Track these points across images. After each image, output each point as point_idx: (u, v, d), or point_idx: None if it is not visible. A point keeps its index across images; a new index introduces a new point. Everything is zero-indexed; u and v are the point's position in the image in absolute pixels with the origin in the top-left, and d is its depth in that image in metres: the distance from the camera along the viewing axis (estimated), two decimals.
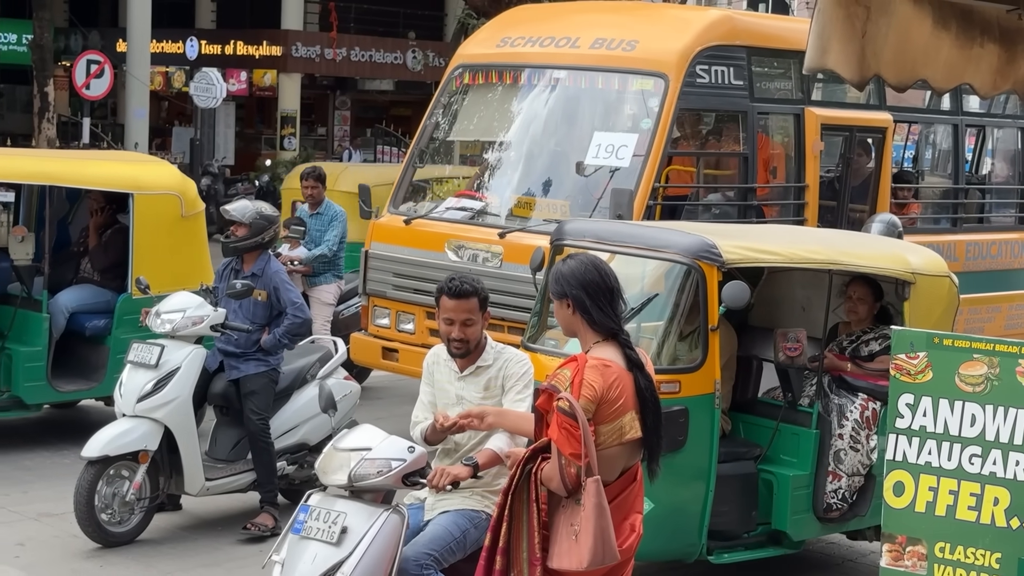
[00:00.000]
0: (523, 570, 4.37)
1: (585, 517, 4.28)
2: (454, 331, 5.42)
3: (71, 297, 9.61)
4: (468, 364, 5.51)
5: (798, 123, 10.47)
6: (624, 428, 4.43)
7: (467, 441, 5.47)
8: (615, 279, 4.57)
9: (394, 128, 28.40)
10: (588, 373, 4.37)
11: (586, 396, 4.34)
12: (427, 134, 10.99)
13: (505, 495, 4.43)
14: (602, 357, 4.44)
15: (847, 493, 7.41)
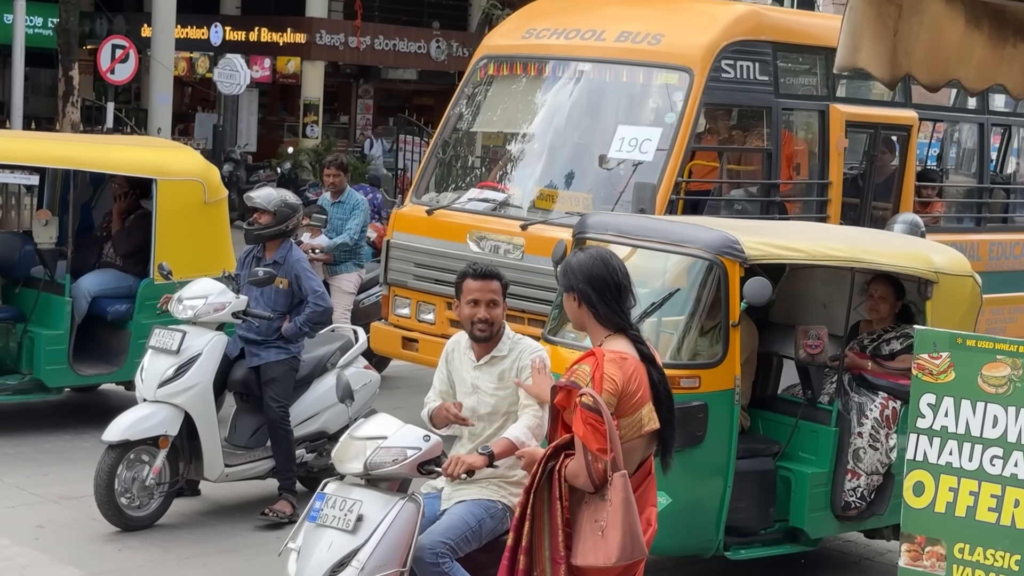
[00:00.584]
0: (546, 569, 4.35)
1: (613, 512, 4.25)
2: (480, 311, 5.44)
3: (93, 281, 9.65)
4: (484, 353, 5.52)
5: (823, 119, 10.44)
6: (643, 420, 4.42)
7: (483, 431, 5.48)
8: (624, 274, 4.54)
9: (417, 118, 28.33)
10: (608, 367, 4.35)
11: (608, 390, 4.32)
12: (450, 124, 10.99)
13: (527, 493, 4.40)
14: (618, 350, 4.42)
15: (865, 491, 7.40)
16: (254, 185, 21.11)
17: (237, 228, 10.91)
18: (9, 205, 16.79)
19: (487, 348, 5.53)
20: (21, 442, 9.26)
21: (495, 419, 5.48)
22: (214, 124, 26.72)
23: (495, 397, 5.47)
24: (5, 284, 9.77)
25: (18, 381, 9.43)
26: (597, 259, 4.56)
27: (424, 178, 10.85)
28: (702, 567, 7.53)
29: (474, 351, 5.55)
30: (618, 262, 4.57)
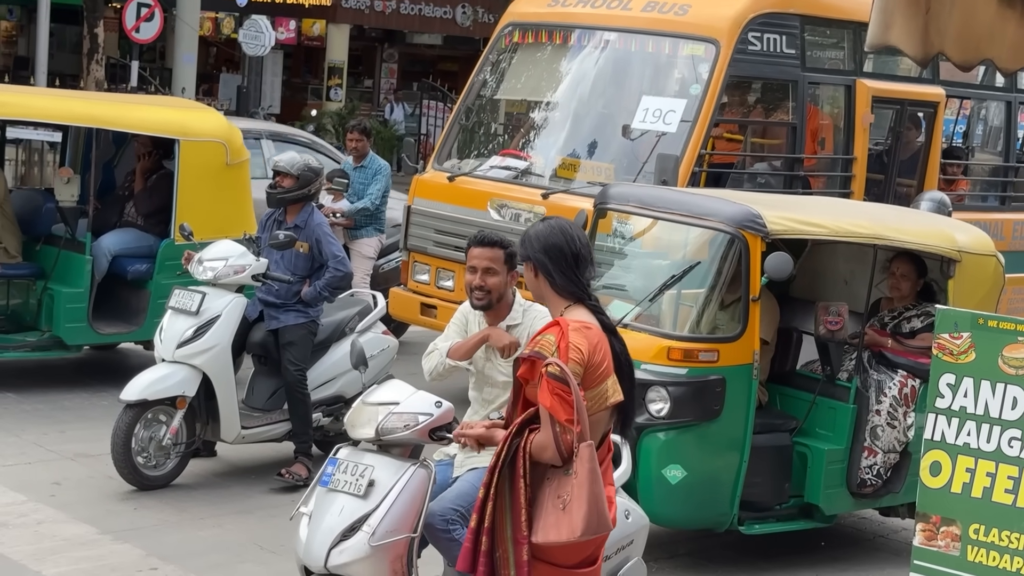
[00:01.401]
0: (508, 549, 4.20)
1: (578, 484, 4.11)
2: (475, 279, 5.44)
3: (114, 240, 9.66)
4: (496, 322, 5.51)
5: (849, 94, 10.37)
6: (608, 392, 4.29)
7: (496, 398, 5.48)
8: (583, 244, 4.40)
9: (440, 83, 28.26)
10: (573, 336, 4.21)
11: (574, 359, 4.18)
12: (474, 91, 10.95)
13: (491, 473, 4.23)
14: (581, 320, 4.31)
15: (882, 469, 7.38)
16: None
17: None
18: (32, 162, 16.81)
19: (499, 317, 5.53)
20: (39, 399, 9.31)
21: (509, 387, 5.47)
22: (238, 85, 26.69)
23: (508, 363, 5.47)
24: (26, 241, 9.79)
25: (37, 338, 9.47)
26: (555, 228, 4.42)
27: (446, 144, 10.82)
28: (716, 541, 7.53)
29: (487, 320, 5.54)
30: (578, 232, 4.45)
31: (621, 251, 7.84)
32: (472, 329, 5.64)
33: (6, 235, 9.63)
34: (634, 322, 7.03)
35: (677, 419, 6.78)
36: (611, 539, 5.56)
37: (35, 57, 24.49)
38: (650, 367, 6.81)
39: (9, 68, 25.76)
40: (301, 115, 28.21)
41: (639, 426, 6.74)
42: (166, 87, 26.05)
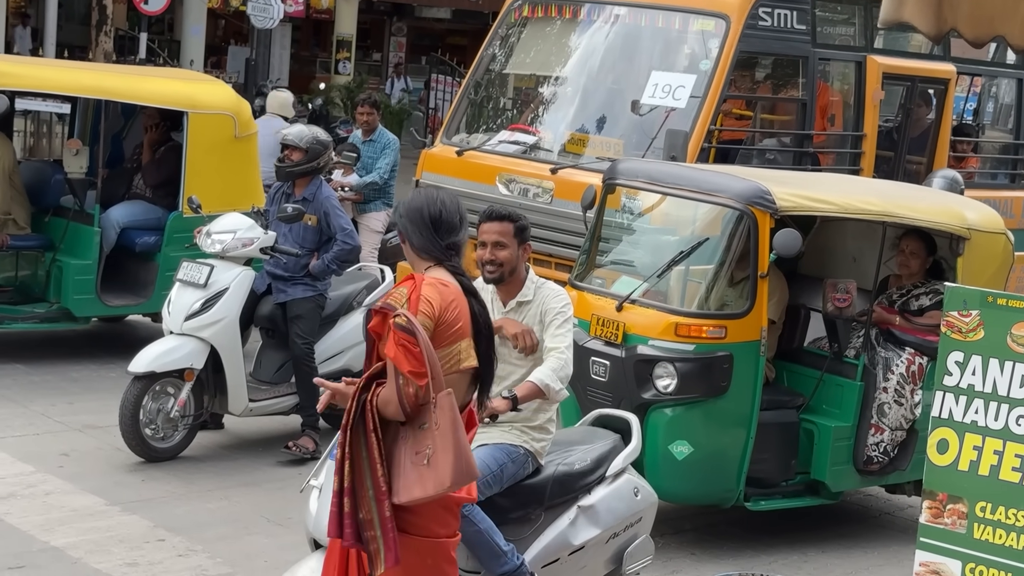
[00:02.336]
0: (371, 508, 4.07)
1: (441, 435, 3.99)
2: (486, 253, 5.44)
3: (123, 212, 9.67)
4: (510, 298, 5.51)
5: (859, 71, 10.33)
6: (461, 355, 4.20)
7: (510, 375, 5.48)
8: (448, 209, 4.34)
9: (449, 57, 28.20)
10: (426, 290, 4.15)
11: (424, 312, 4.10)
12: (483, 65, 10.92)
13: (344, 431, 4.11)
14: (438, 277, 4.26)
15: (888, 447, 7.39)
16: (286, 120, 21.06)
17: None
18: (40, 134, 16.80)
19: (511, 293, 5.52)
20: (47, 370, 9.33)
21: (522, 363, 5.48)
22: (246, 58, 26.64)
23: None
24: (35, 213, 9.79)
25: (46, 310, 9.49)
26: (420, 195, 4.42)
27: (455, 119, 10.80)
28: (722, 517, 7.55)
29: (500, 297, 5.54)
30: (445, 197, 4.39)
31: (630, 227, 7.84)
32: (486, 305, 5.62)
33: (15, 207, 9.64)
34: (642, 298, 7.03)
35: (684, 395, 6.79)
36: (619, 516, 5.60)
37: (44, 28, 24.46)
38: (657, 343, 6.82)
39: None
40: (309, 88, 28.16)
41: (646, 402, 6.76)
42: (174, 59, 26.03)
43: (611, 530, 5.58)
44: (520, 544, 5.31)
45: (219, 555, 6.47)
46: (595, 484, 5.58)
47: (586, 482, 5.55)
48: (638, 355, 6.84)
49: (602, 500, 5.57)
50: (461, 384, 4.26)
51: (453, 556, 4.35)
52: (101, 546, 6.42)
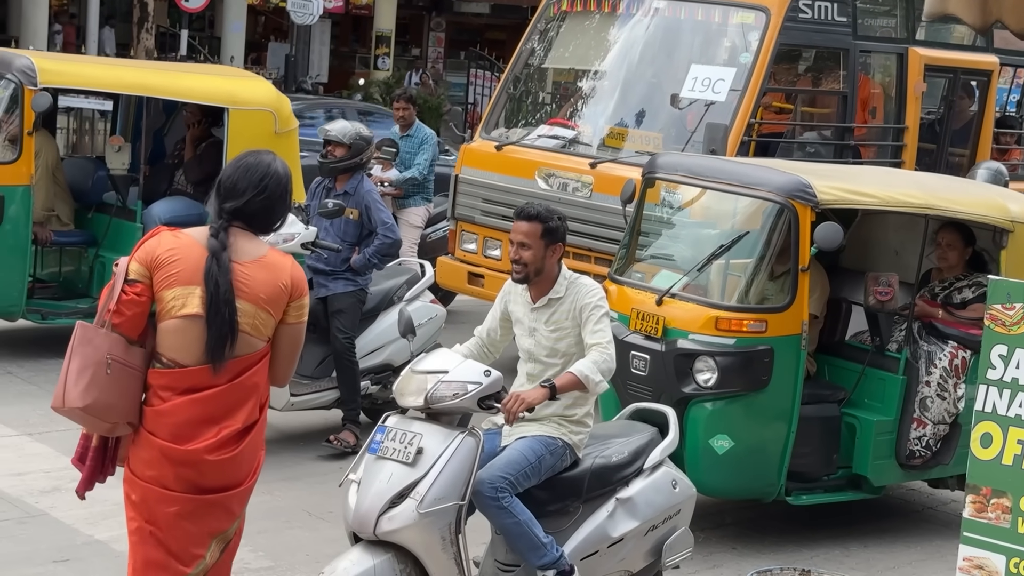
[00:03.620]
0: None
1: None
2: (513, 252, 5.43)
3: (164, 208, 9.73)
4: (540, 295, 5.49)
5: (901, 63, 10.27)
6: (179, 300, 4.32)
7: (542, 373, 5.47)
8: (230, 177, 4.44)
9: (488, 52, 28.23)
10: (150, 240, 4.40)
11: (137, 259, 4.36)
12: (522, 60, 10.92)
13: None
14: (184, 232, 4.43)
15: (931, 441, 7.34)
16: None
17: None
18: (83, 130, 16.95)
19: (543, 290, 5.50)
20: None
21: (553, 360, 5.46)
22: (286, 54, 26.79)
23: (552, 339, 5.46)
24: (78, 209, 9.88)
25: (89, 305, 9.55)
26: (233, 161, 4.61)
27: (494, 114, 10.81)
28: (763, 511, 7.53)
29: (530, 293, 5.53)
30: (239, 163, 4.50)
31: (669, 221, 7.82)
32: (514, 308, 5.61)
33: (59, 203, 9.73)
34: (682, 292, 7.01)
35: (724, 389, 6.77)
36: (658, 508, 5.60)
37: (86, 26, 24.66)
38: (698, 337, 6.80)
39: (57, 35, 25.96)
40: (348, 84, 28.27)
41: (686, 396, 6.75)
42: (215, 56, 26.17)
43: (650, 522, 5.58)
44: (559, 536, 5.32)
45: (261, 548, 6.51)
46: (633, 477, 5.58)
47: (624, 475, 5.55)
48: (678, 349, 6.83)
49: (640, 492, 5.57)
50: (190, 331, 4.33)
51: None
52: None
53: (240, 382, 4.41)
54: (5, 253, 9.00)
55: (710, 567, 6.75)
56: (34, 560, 6.12)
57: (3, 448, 7.57)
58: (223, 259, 4.33)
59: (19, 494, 6.90)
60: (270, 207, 4.47)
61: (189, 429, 4.36)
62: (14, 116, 9.08)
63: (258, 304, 4.39)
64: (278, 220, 4.54)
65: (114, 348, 4.34)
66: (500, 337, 5.67)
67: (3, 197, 8.95)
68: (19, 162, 9.00)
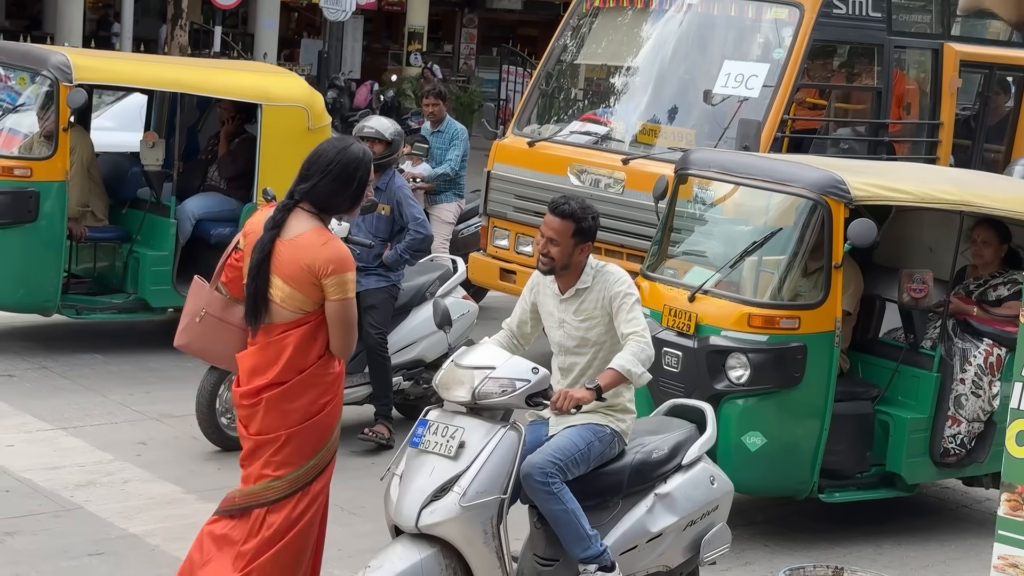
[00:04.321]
0: None
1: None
2: (541, 245, 5.44)
3: (198, 204, 9.78)
4: (567, 287, 5.49)
5: (936, 59, 10.21)
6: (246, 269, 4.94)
7: (573, 365, 5.46)
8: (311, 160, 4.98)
9: (521, 48, 28.22)
10: (256, 213, 5.08)
11: (242, 230, 5.06)
12: (554, 56, 10.92)
13: None
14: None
15: (966, 439, 7.30)
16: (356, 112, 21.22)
17: None
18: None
19: (570, 281, 5.49)
20: (125, 360, 9.46)
21: (583, 351, 5.46)
22: (319, 50, 26.85)
23: (582, 329, 5.45)
24: (112, 205, 9.94)
25: (123, 300, 9.63)
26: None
27: (526, 110, 10.81)
28: (796, 508, 7.50)
29: (558, 284, 5.52)
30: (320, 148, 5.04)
31: (702, 217, 7.80)
32: (542, 299, 5.59)
33: (93, 199, 9.79)
34: (715, 288, 6.99)
35: (757, 386, 6.75)
36: (696, 504, 5.60)
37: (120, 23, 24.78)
38: (730, 333, 6.78)
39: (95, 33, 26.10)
40: (381, 80, 28.31)
41: (719, 393, 6.73)
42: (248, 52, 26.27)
43: (688, 518, 5.58)
44: (599, 531, 5.32)
45: None
46: (671, 472, 5.57)
47: (663, 470, 5.54)
48: (711, 346, 6.81)
49: (679, 488, 5.56)
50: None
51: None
52: (178, 533, 6.50)
53: (271, 343, 4.88)
54: (40, 248, 9.07)
55: (742, 564, 6.73)
56: (69, 553, 6.16)
57: (38, 442, 7.64)
58: (266, 236, 4.83)
59: (54, 488, 6.95)
60: (333, 190, 4.89)
61: (242, 376, 5.02)
62: (50, 112, 9.15)
63: (284, 279, 4.83)
64: (342, 203, 4.95)
65: (211, 304, 5.24)
66: (530, 330, 5.67)
67: (38, 193, 9.01)
68: (54, 158, 9.07)
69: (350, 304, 4.85)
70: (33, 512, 6.61)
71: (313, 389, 4.92)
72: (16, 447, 7.51)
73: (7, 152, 9.17)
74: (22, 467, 7.19)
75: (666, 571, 5.66)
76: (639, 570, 5.53)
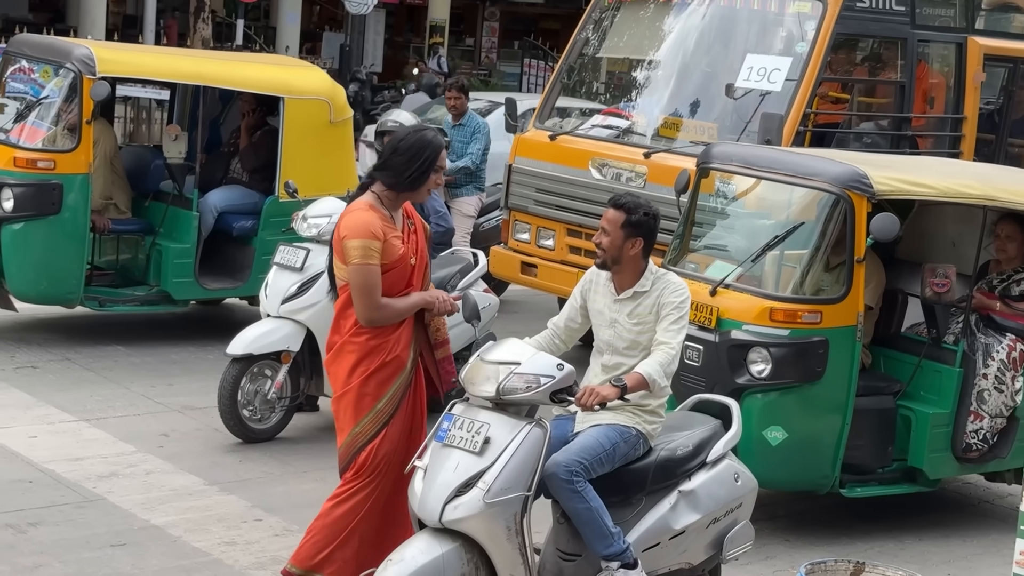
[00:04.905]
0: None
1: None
2: (595, 237, 5.45)
3: (220, 197, 9.81)
4: (625, 287, 5.47)
5: (960, 52, 10.16)
6: None
7: (618, 365, 5.44)
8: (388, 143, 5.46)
9: (542, 42, 28.22)
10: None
11: None
12: (576, 50, 10.90)
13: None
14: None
15: (988, 434, 7.27)
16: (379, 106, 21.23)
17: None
18: (140, 120, 17.10)
19: (626, 282, 5.47)
20: (147, 352, 9.50)
21: (633, 353, 5.43)
22: (341, 44, 26.85)
23: (634, 332, 5.43)
24: (135, 197, 9.98)
25: (146, 292, 9.67)
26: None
27: (548, 103, 10.79)
28: (817, 503, 7.49)
29: (614, 284, 5.51)
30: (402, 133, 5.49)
31: (723, 211, 7.78)
32: (593, 298, 5.58)
33: (116, 191, 9.83)
34: (736, 282, 6.98)
35: (778, 380, 6.73)
36: (720, 502, 5.58)
37: (143, 16, 24.85)
38: (752, 328, 6.77)
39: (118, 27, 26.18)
40: (403, 74, 28.32)
41: (740, 387, 6.72)
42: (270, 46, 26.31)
43: (711, 515, 5.56)
44: (622, 528, 5.30)
45: None
46: (696, 470, 5.55)
47: (687, 467, 5.52)
48: (732, 340, 6.80)
49: (703, 485, 5.53)
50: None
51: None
52: (200, 525, 6.54)
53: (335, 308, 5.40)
54: (63, 241, 9.11)
55: (763, 558, 6.72)
56: (92, 544, 6.19)
57: (61, 433, 7.67)
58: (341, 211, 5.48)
59: (77, 479, 6.99)
60: (399, 167, 5.30)
61: None
62: (73, 105, 9.18)
63: (334, 250, 5.34)
64: (407, 180, 5.32)
65: None
66: (579, 327, 5.63)
67: (62, 185, 9.05)
68: (78, 150, 9.10)
69: (363, 270, 5.18)
70: (56, 503, 6.64)
71: (350, 355, 5.29)
72: (39, 438, 7.55)
73: (31, 144, 9.22)
74: (45, 458, 7.23)
75: (688, 568, 5.64)
76: (661, 567, 5.51)
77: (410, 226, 5.47)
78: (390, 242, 5.26)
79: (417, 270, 5.44)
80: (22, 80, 9.75)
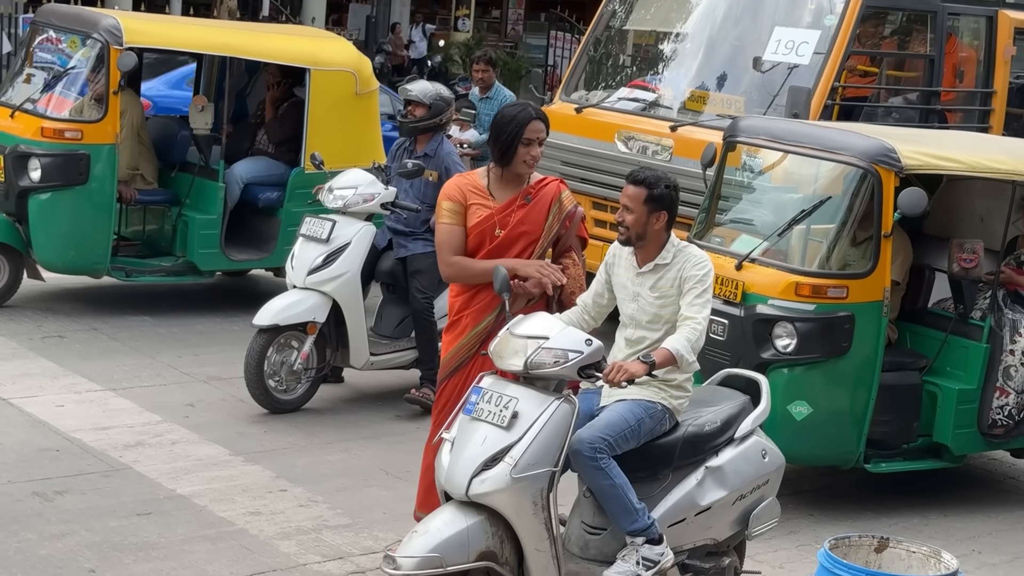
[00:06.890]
0: None
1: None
2: (617, 214, 5.42)
3: (246, 168, 9.82)
4: (646, 261, 5.45)
5: (990, 26, 10.08)
6: None
7: (642, 339, 5.42)
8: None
9: (569, 14, 28.10)
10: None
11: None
12: (603, 22, 10.86)
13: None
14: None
15: (1014, 410, 7.24)
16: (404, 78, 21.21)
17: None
18: None
19: (649, 255, 5.44)
20: (173, 323, 9.54)
21: (656, 327, 5.40)
22: (367, 15, 26.84)
23: (656, 305, 5.41)
24: (162, 168, 10.01)
25: (172, 263, 9.70)
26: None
27: (574, 76, 10.76)
28: (842, 478, 7.48)
29: (636, 258, 5.48)
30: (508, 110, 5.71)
31: (750, 185, 7.75)
32: (617, 272, 5.55)
33: (143, 162, 9.86)
34: (762, 257, 6.96)
35: (804, 355, 6.72)
36: (747, 478, 5.56)
37: None
38: (777, 302, 6.75)
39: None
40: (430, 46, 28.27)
41: (765, 362, 6.70)
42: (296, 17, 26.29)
43: (738, 492, 5.54)
44: (647, 503, 5.29)
45: (339, 506, 6.59)
46: (723, 446, 5.52)
47: (715, 444, 5.49)
48: (757, 314, 6.78)
49: (730, 462, 5.51)
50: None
51: None
52: (225, 495, 6.57)
53: None
54: (91, 211, 9.15)
55: (787, 533, 6.72)
56: (118, 513, 6.24)
57: (88, 403, 7.72)
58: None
59: (103, 448, 7.03)
60: (491, 139, 5.66)
61: None
62: (100, 75, 9.21)
63: None
64: (498, 153, 5.62)
65: None
66: (607, 302, 5.60)
67: (89, 155, 9.08)
68: (105, 121, 9.13)
69: (438, 227, 5.75)
70: (83, 472, 6.69)
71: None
72: (66, 407, 7.60)
73: (58, 115, 9.25)
74: (72, 427, 7.28)
75: (713, 543, 5.64)
76: (686, 543, 5.50)
77: (526, 201, 5.68)
78: (472, 208, 5.68)
79: (504, 243, 5.65)
80: (49, 50, 9.78)
